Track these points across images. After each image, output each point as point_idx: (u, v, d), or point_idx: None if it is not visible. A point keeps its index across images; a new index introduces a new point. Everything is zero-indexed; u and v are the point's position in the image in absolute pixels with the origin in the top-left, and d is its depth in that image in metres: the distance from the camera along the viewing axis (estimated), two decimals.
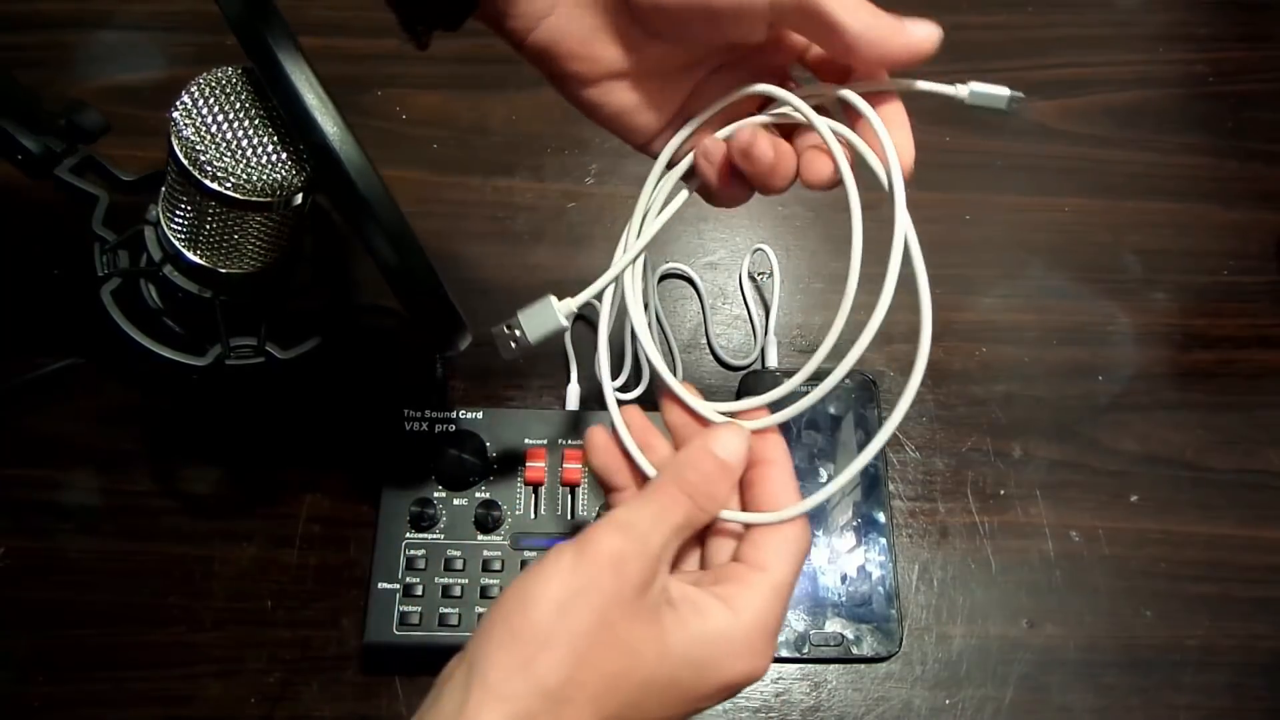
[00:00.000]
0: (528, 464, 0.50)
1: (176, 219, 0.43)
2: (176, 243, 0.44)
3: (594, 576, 0.31)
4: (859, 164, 0.34)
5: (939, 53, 0.31)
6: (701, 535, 0.36)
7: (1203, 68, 0.69)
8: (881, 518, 0.51)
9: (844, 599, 0.49)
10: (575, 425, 0.52)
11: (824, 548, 0.50)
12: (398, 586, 0.48)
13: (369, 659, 0.48)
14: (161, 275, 0.45)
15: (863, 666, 0.49)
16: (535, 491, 0.50)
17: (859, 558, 0.50)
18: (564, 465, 0.50)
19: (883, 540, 0.51)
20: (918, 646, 0.50)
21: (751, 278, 0.60)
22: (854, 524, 0.51)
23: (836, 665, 0.49)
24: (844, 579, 0.50)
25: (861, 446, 0.53)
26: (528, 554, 0.48)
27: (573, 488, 0.50)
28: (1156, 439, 0.55)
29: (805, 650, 0.48)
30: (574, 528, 0.49)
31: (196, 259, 0.43)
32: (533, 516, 0.49)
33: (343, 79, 0.64)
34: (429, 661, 0.47)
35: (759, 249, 0.58)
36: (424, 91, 0.65)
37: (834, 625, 0.49)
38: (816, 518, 0.51)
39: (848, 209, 0.34)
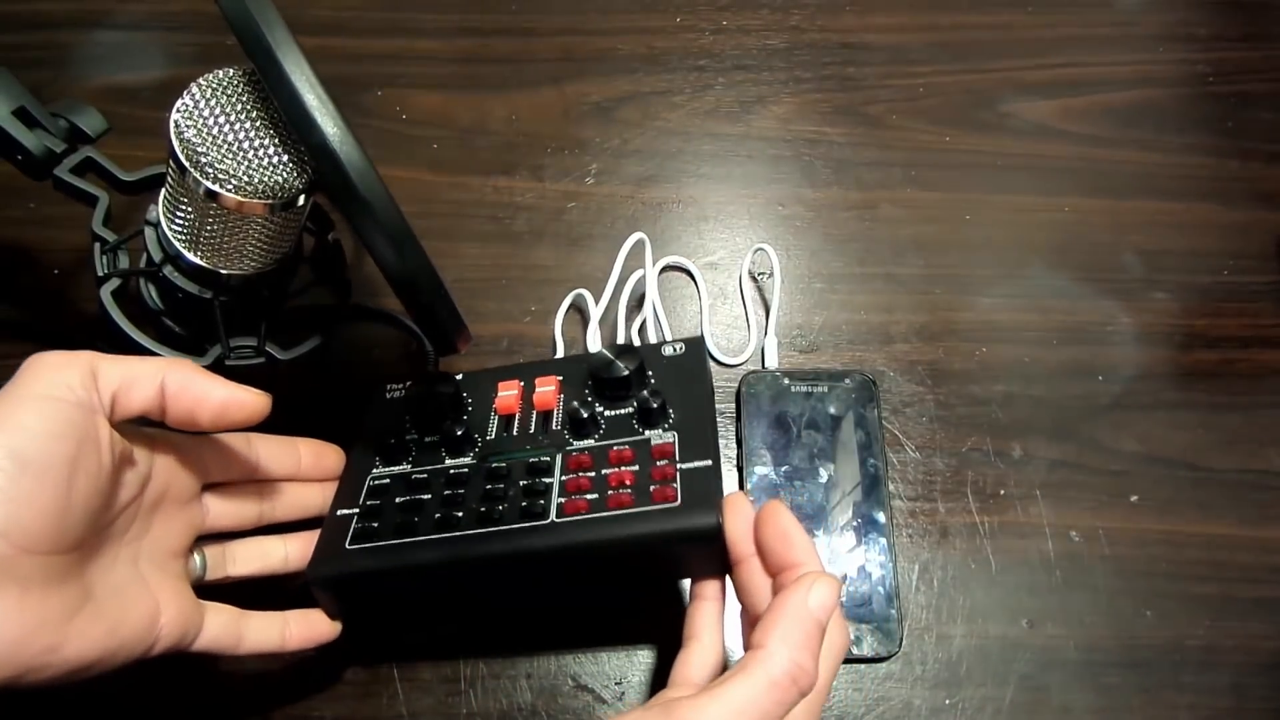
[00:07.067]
0: (499, 393, 0.48)
1: (177, 220, 0.43)
2: (177, 243, 0.44)
3: None
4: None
5: (940, 53, 0.31)
6: None
7: (1203, 68, 0.69)
8: (881, 518, 0.51)
9: (844, 599, 0.49)
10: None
11: (824, 548, 0.50)
12: (356, 510, 0.44)
13: (318, 587, 0.43)
14: (161, 275, 0.45)
15: (863, 666, 0.49)
16: (508, 421, 0.47)
17: (859, 558, 0.50)
18: (537, 391, 0.47)
19: (883, 540, 0.51)
20: (918, 646, 0.50)
21: (752, 277, 0.60)
22: (854, 524, 0.51)
23: None
24: (844, 579, 0.50)
25: (862, 446, 0.53)
26: (494, 464, 0.45)
27: (546, 413, 0.47)
28: (1157, 439, 0.55)
29: None
30: (548, 444, 0.46)
31: (197, 260, 0.44)
32: (505, 436, 0.47)
33: (343, 79, 0.65)
34: (383, 589, 0.43)
35: (759, 249, 0.58)
36: (424, 91, 0.65)
37: None
38: (817, 518, 0.51)
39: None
